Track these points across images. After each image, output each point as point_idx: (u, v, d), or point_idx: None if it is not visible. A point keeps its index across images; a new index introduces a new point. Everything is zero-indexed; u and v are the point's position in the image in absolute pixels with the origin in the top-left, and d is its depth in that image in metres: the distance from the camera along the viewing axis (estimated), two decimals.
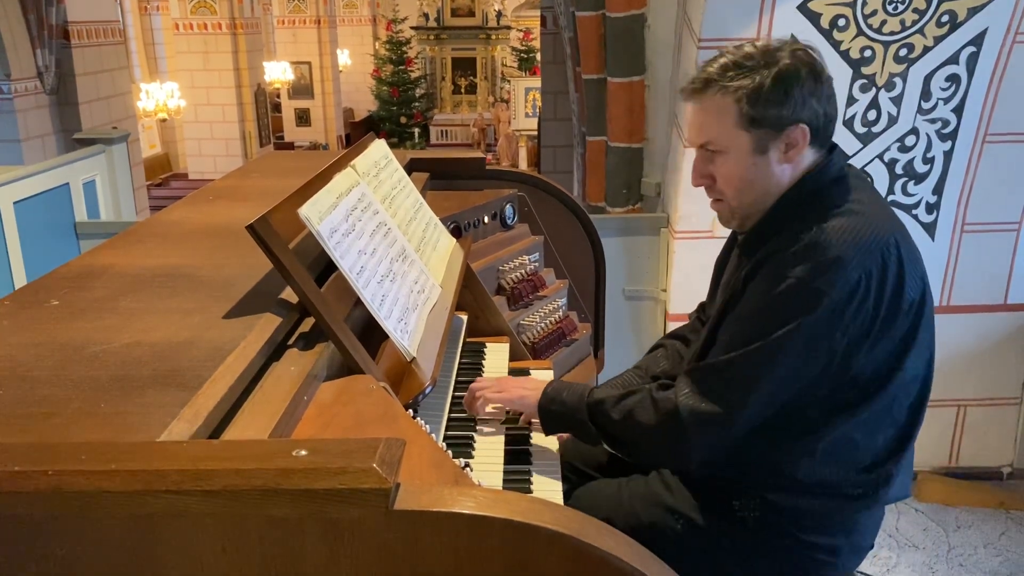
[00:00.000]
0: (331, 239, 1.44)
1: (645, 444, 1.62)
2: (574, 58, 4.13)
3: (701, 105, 1.59)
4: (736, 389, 1.52)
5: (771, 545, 1.65)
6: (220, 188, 2.45)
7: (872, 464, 1.60)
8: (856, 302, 1.47)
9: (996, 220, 3.41)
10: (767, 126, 1.54)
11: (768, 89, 1.51)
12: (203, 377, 1.14)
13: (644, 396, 1.60)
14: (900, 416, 1.60)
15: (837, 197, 1.55)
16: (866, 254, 1.48)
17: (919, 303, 1.55)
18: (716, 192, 1.64)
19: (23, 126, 6.35)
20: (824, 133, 1.57)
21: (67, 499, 0.86)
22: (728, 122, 1.55)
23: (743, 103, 1.53)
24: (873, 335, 1.51)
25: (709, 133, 1.59)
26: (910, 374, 1.58)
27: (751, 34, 3.09)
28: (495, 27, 18.67)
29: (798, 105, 1.52)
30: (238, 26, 12.79)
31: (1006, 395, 3.64)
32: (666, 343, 2.00)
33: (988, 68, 3.17)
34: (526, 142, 13.57)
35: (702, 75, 1.59)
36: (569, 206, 2.80)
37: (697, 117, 1.61)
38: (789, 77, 1.52)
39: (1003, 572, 3.15)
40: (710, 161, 1.61)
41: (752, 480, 1.63)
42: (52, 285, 1.54)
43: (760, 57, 1.54)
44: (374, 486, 0.86)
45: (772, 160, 1.56)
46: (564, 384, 1.75)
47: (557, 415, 1.70)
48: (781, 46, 1.56)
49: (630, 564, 0.91)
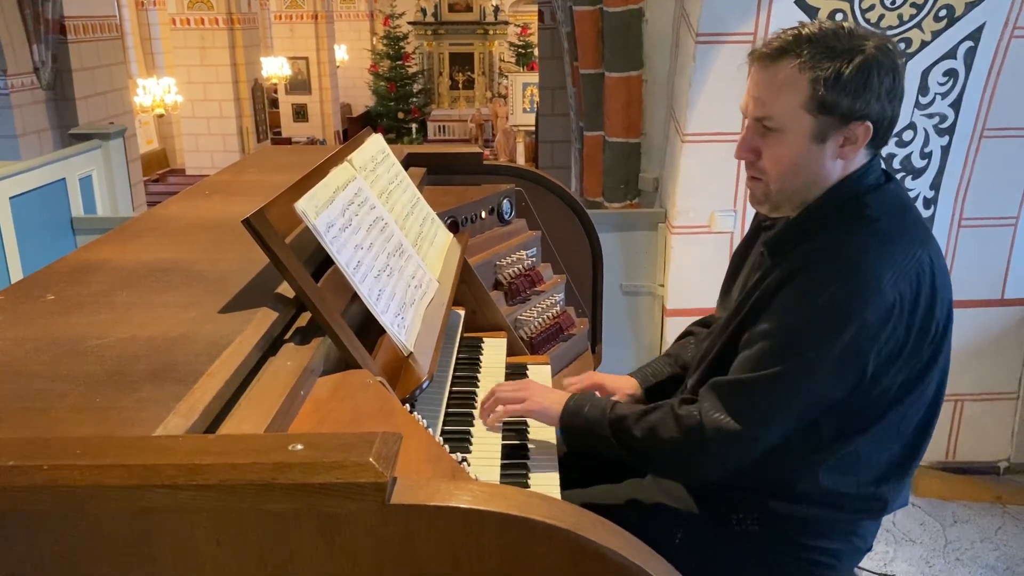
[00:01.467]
0: (328, 234, 1.43)
1: (667, 459, 1.59)
2: (572, 53, 4.12)
3: (770, 75, 1.48)
4: (763, 408, 1.49)
5: (772, 552, 1.64)
6: (216, 183, 2.45)
7: (876, 479, 1.58)
8: (891, 324, 1.44)
9: (993, 215, 3.41)
10: (835, 115, 1.45)
11: (847, 77, 1.42)
12: (199, 372, 1.13)
13: (666, 412, 1.57)
14: (907, 432, 1.57)
15: (874, 208, 1.50)
16: (902, 276, 1.43)
17: (944, 325, 1.52)
18: (757, 170, 1.55)
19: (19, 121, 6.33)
20: (884, 136, 1.51)
21: (62, 494, 0.86)
22: (795, 100, 1.46)
23: (819, 85, 1.43)
24: (903, 358, 1.48)
25: (771, 107, 1.49)
26: (924, 392, 1.55)
27: (749, 29, 3.09)
28: (493, 22, 18.66)
29: (872, 100, 1.44)
30: (235, 21, 12.77)
31: (1003, 390, 3.64)
32: (695, 330, 1.97)
33: (986, 63, 3.16)
34: (524, 137, 13.56)
35: (778, 42, 1.48)
36: (567, 201, 2.79)
37: (761, 87, 1.50)
38: (871, 68, 1.42)
39: (1000, 566, 3.16)
40: (762, 136, 1.52)
41: (754, 490, 1.62)
42: (48, 280, 1.54)
43: (847, 40, 1.44)
44: (370, 480, 0.85)
45: (827, 152, 1.48)
46: (585, 398, 1.71)
47: (578, 430, 1.67)
48: (869, 35, 1.46)
49: (627, 558, 0.91)
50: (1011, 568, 3.15)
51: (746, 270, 1.72)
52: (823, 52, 1.44)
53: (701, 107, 3.24)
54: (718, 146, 3.25)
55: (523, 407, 1.72)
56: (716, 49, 3.14)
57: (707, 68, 3.18)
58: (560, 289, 2.60)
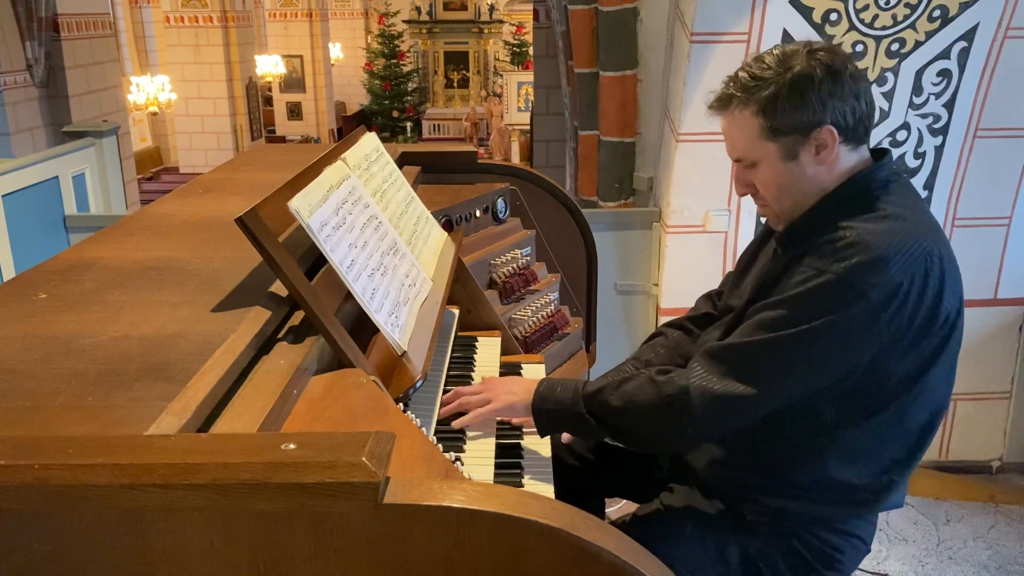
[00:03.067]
0: (321, 232, 1.43)
1: (647, 426, 1.59)
2: (566, 52, 4.12)
3: (726, 122, 1.61)
4: (756, 372, 1.50)
5: (778, 546, 1.65)
6: (210, 181, 2.44)
7: (878, 473, 1.59)
8: (894, 307, 1.45)
9: (987, 215, 3.42)
10: (791, 132, 1.53)
11: (784, 97, 1.51)
12: (191, 370, 1.13)
13: (643, 379, 1.59)
14: (912, 429, 1.58)
15: (885, 201, 1.53)
16: (911, 260, 1.45)
17: (953, 321, 1.53)
18: (760, 199, 1.65)
19: (12, 119, 6.31)
20: (855, 130, 1.55)
21: (53, 493, 0.85)
22: (752, 135, 1.56)
23: (762, 116, 1.53)
24: (905, 344, 1.49)
25: (739, 148, 1.60)
26: (929, 390, 1.56)
27: (743, 28, 3.09)
28: (487, 21, 18.65)
29: (818, 108, 1.50)
30: (229, 19, 12.73)
31: (996, 390, 3.65)
32: (666, 331, 1.98)
33: (979, 63, 3.17)
34: (518, 136, 13.54)
35: (721, 93, 1.60)
36: (561, 200, 2.79)
37: (726, 133, 1.62)
38: (803, 82, 1.50)
39: (992, 565, 3.17)
40: (747, 171, 1.61)
41: (755, 484, 1.63)
42: (40, 278, 1.53)
43: (776, 65, 1.53)
44: (363, 480, 0.85)
45: (805, 164, 1.55)
46: (556, 381, 1.72)
47: (552, 413, 1.67)
48: (797, 51, 1.54)
49: (621, 558, 0.91)
50: (1003, 567, 3.16)
51: (758, 267, 1.74)
52: (756, 85, 1.54)
53: (696, 107, 3.24)
54: (712, 146, 3.26)
55: (491, 408, 1.71)
56: (711, 48, 3.14)
57: (702, 68, 3.18)
58: (554, 288, 2.60)
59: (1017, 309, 3.55)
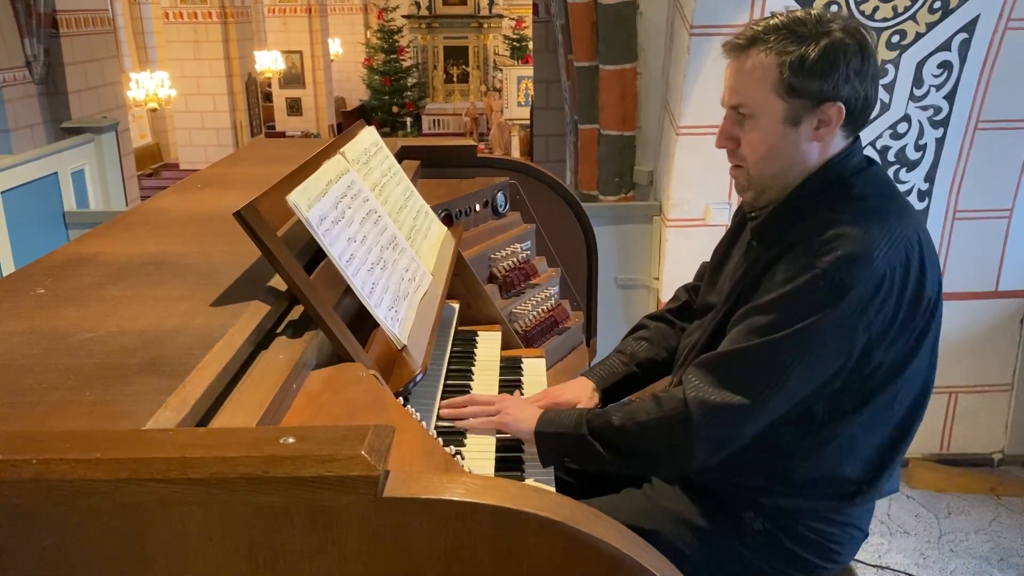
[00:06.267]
0: (320, 226, 1.42)
1: (650, 443, 1.56)
2: (566, 46, 4.11)
3: (741, 64, 1.53)
4: (752, 380, 1.48)
5: (777, 544, 1.64)
6: (209, 176, 2.44)
7: (869, 460, 1.58)
8: (880, 298, 1.44)
9: (988, 207, 3.41)
10: (805, 97, 1.48)
11: (813, 60, 1.46)
12: (190, 365, 1.12)
13: (646, 398, 1.57)
14: (900, 412, 1.57)
15: (861, 188, 1.51)
16: (892, 250, 1.44)
17: (934, 303, 1.52)
18: (738, 157, 1.59)
19: (11, 116, 6.31)
20: (859, 117, 1.53)
21: (51, 488, 0.85)
22: (765, 86, 1.50)
23: (785, 69, 1.47)
24: (893, 332, 1.48)
25: (744, 95, 1.53)
26: (915, 372, 1.55)
27: (743, 21, 3.08)
28: (487, 15, 18.62)
29: (840, 81, 1.47)
30: (228, 15, 12.72)
31: (997, 382, 3.65)
32: (648, 324, 1.97)
33: (980, 55, 3.16)
34: (518, 131, 13.52)
35: (748, 32, 1.52)
36: (561, 194, 2.79)
37: (734, 77, 1.55)
38: (837, 50, 1.46)
39: (993, 558, 3.17)
40: (739, 124, 1.56)
41: (750, 484, 1.61)
42: (38, 273, 1.53)
43: (812, 25, 1.48)
44: (362, 473, 0.85)
45: (802, 135, 1.51)
46: (561, 410, 1.71)
47: (553, 437, 1.63)
48: (835, 18, 1.50)
49: (621, 551, 0.90)
50: (1005, 559, 3.16)
51: (734, 261, 1.72)
52: (789, 38, 1.48)
53: (695, 100, 3.24)
54: (713, 139, 3.22)
55: (496, 419, 1.70)
56: (710, 41, 3.14)
57: (701, 61, 3.17)
58: (555, 282, 2.59)
59: (1018, 301, 3.54)
